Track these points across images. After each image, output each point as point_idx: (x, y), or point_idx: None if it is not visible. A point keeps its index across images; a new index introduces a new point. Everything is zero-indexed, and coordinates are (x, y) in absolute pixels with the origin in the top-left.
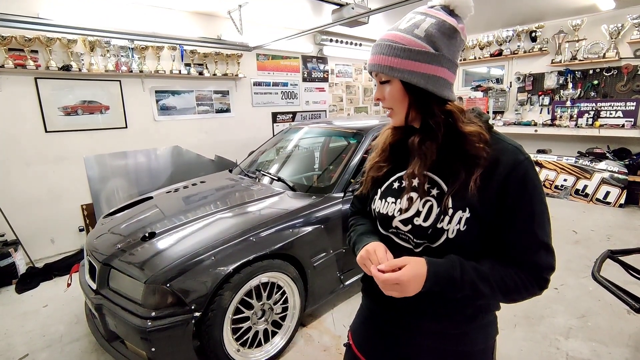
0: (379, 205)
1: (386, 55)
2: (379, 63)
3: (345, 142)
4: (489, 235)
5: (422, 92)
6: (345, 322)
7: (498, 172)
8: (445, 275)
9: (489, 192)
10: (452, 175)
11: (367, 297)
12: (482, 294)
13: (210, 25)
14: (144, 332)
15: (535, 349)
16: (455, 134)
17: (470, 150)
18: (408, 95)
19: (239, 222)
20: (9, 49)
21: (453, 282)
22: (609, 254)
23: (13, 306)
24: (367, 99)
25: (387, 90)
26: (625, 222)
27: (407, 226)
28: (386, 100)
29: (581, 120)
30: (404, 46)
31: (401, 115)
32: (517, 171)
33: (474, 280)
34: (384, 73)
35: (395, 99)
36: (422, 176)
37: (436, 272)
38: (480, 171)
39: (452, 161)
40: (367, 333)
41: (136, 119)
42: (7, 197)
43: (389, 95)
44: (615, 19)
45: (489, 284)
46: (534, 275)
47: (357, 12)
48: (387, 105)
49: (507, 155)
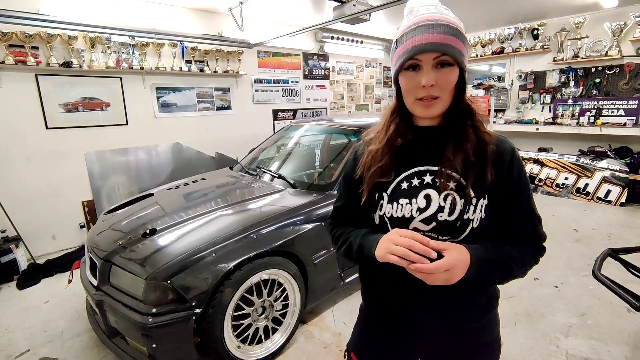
0: (390, 210)
1: (454, 37)
2: (450, 44)
3: (346, 139)
4: (496, 218)
5: (464, 82)
6: (345, 320)
7: (503, 159)
8: (484, 258)
9: (501, 177)
10: (466, 165)
11: (375, 305)
12: (512, 271)
13: (211, 22)
14: (145, 328)
15: (536, 346)
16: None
17: (482, 138)
18: (456, 84)
19: (239, 219)
20: (9, 45)
21: (493, 264)
22: (610, 252)
23: (14, 302)
24: (368, 96)
25: (444, 75)
26: (626, 220)
27: (430, 224)
28: (438, 86)
29: (583, 118)
30: (463, 33)
31: (445, 105)
32: (514, 156)
33: (505, 260)
34: (453, 55)
35: (449, 86)
36: (459, 166)
37: (478, 256)
38: (492, 158)
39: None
40: (375, 348)
41: (137, 116)
42: (8, 193)
43: (446, 81)
44: (618, 17)
45: (514, 260)
46: (535, 246)
47: (359, 9)
48: (436, 93)
49: (503, 142)
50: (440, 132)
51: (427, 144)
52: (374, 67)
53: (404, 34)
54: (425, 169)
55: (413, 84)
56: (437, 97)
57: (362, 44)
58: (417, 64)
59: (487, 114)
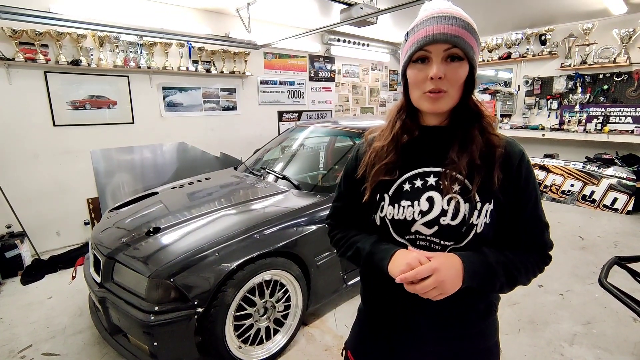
0: (391, 212)
1: (467, 31)
2: (462, 37)
3: (351, 142)
4: (501, 223)
5: (474, 79)
6: (347, 323)
7: (512, 162)
8: (480, 264)
9: (508, 182)
10: (471, 168)
11: (372, 308)
12: (514, 279)
13: (218, 22)
14: (147, 326)
15: (539, 354)
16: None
17: (491, 140)
18: (465, 82)
19: (243, 220)
20: (19, 42)
21: (491, 270)
22: (616, 260)
23: (18, 297)
24: (373, 99)
25: (454, 69)
26: (633, 229)
27: (432, 228)
28: (447, 79)
29: (590, 125)
30: (475, 30)
31: (453, 101)
32: (523, 160)
33: (507, 264)
34: (464, 49)
35: (458, 81)
36: (464, 169)
37: (472, 262)
38: (500, 161)
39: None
40: (372, 348)
41: (143, 115)
42: (14, 189)
43: (455, 75)
44: (627, 24)
45: (516, 267)
46: (541, 254)
47: (366, 12)
48: (444, 87)
49: (512, 145)
50: (447, 132)
51: (432, 144)
52: (380, 70)
53: (415, 26)
54: (429, 170)
55: (421, 77)
56: (445, 91)
57: (368, 47)
58: (426, 56)
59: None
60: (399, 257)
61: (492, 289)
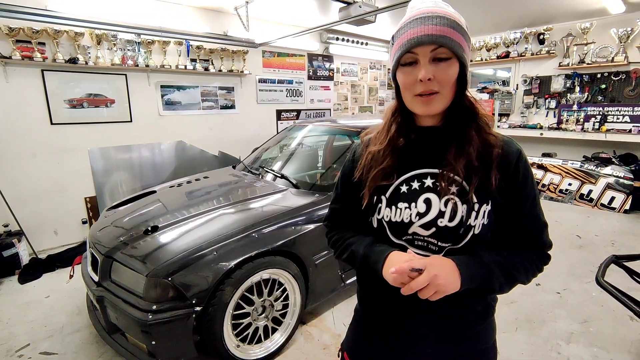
0: (388, 214)
1: (453, 29)
2: (448, 36)
3: (349, 140)
4: (499, 224)
5: (466, 78)
6: (345, 321)
7: (509, 162)
8: (475, 266)
9: (506, 182)
10: (469, 169)
11: (369, 309)
12: (513, 278)
13: (216, 21)
14: (145, 325)
15: (536, 352)
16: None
17: (487, 140)
18: (457, 80)
19: (241, 218)
20: (16, 40)
21: (488, 270)
22: (613, 259)
23: (16, 296)
24: (371, 98)
25: (443, 69)
26: (630, 227)
27: (430, 230)
28: (437, 80)
29: (587, 124)
30: (462, 27)
31: (446, 102)
32: (520, 159)
33: (503, 263)
34: (451, 48)
35: (449, 81)
36: (462, 170)
37: (467, 264)
38: (497, 161)
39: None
40: (369, 350)
41: (141, 113)
42: (11, 188)
43: (445, 76)
44: (625, 23)
45: (514, 265)
46: (539, 253)
47: (364, 11)
48: (435, 88)
49: (509, 145)
50: (442, 132)
51: (428, 145)
52: (379, 69)
53: (400, 28)
54: (426, 171)
55: (410, 80)
56: (436, 92)
57: (367, 46)
58: (414, 59)
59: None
60: (393, 260)
61: (492, 289)
